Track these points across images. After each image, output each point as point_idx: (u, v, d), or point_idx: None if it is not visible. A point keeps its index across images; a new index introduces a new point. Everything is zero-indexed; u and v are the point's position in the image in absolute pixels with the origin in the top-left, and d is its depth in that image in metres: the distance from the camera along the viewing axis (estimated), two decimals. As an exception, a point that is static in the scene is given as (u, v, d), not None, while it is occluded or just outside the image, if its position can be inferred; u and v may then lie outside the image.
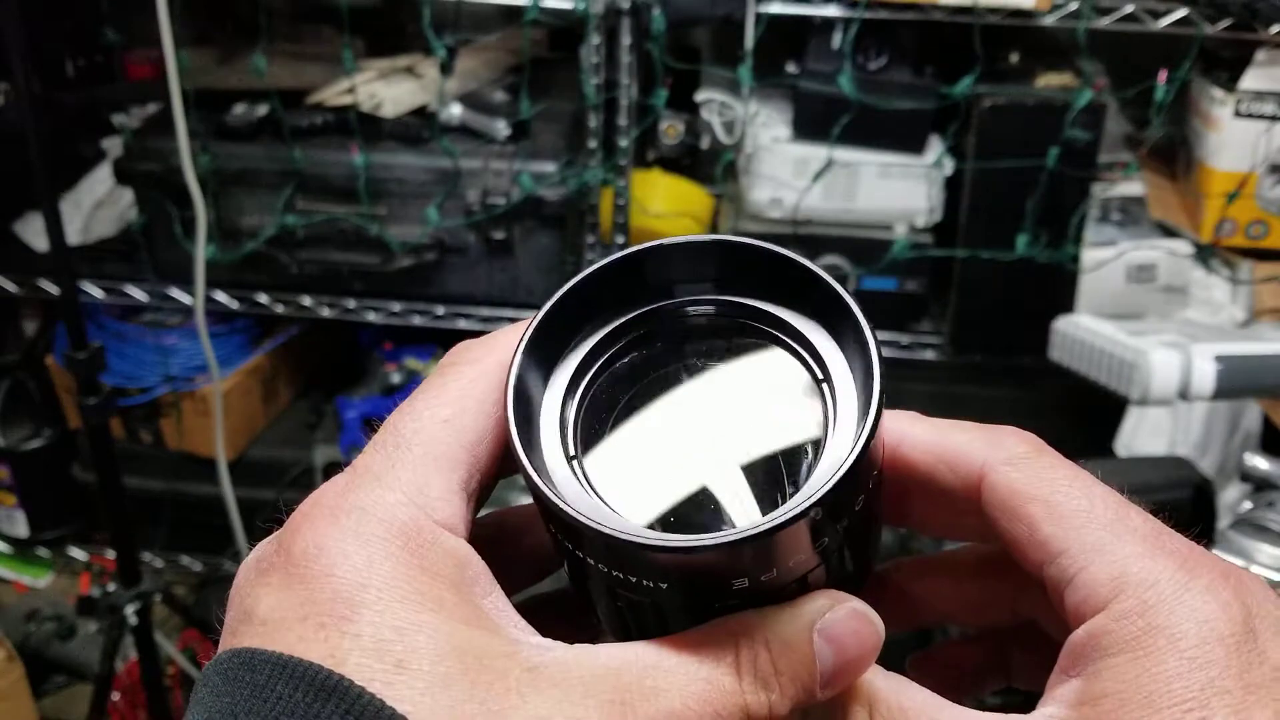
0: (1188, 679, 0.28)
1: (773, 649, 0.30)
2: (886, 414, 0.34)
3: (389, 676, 0.27)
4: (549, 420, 0.33)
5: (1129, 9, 1.62)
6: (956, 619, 0.40)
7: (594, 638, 0.31)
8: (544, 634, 0.30)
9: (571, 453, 0.33)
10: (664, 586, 0.30)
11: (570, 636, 0.30)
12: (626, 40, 1.67)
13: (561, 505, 0.30)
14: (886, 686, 0.31)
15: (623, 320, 0.35)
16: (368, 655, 0.27)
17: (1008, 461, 0.33)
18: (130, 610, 1.68)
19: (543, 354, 0.34)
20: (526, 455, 0.31)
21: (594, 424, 0.34)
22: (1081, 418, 1.91)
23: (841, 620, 0.31)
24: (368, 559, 0.28)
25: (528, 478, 0.31)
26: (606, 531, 0.30)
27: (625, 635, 0.31)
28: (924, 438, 0.34)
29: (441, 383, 0.33)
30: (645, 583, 0.30)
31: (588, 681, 0.29)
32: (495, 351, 0.33)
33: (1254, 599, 0.30)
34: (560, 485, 0.32)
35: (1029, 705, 0.32)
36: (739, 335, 0.35)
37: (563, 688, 0.28)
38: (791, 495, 0.31)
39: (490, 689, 0.28)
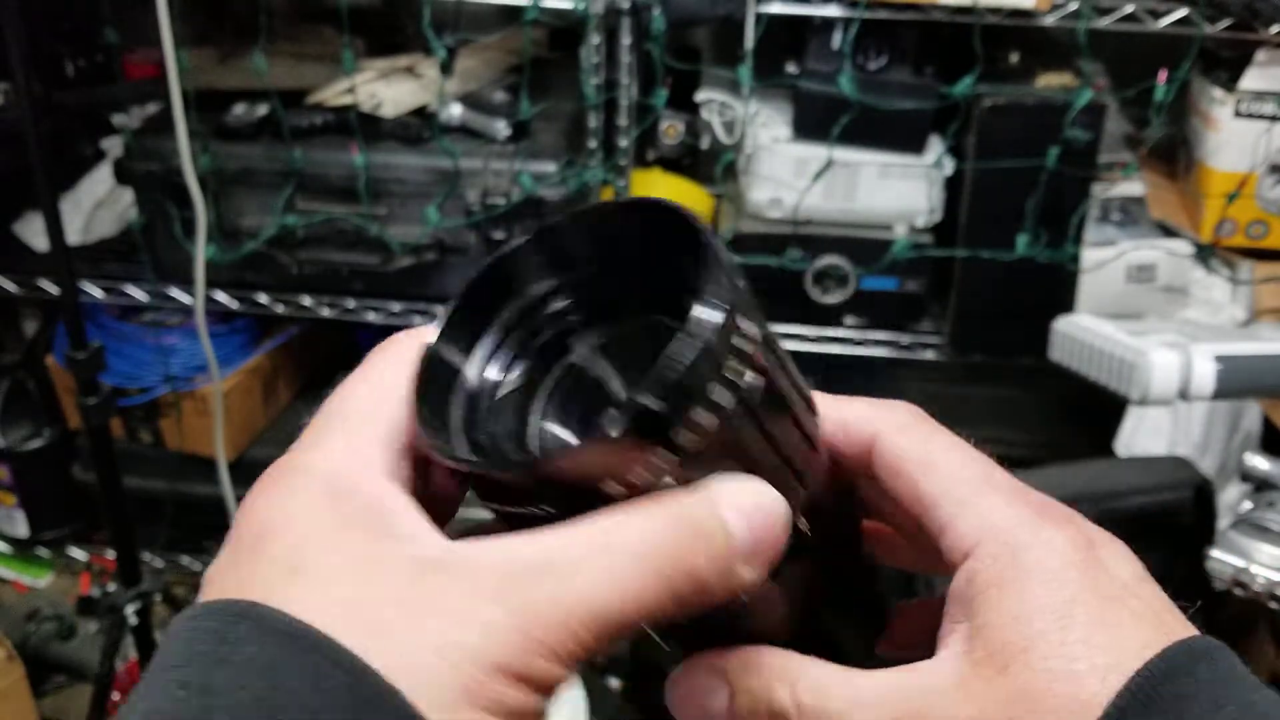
0: (1051, 598, 0.32)
1: (680, 525, 0.30)
2: None
3: (285, 582, 0.28)
4: (459, 398, 0.36)
5: (1129, 9, 1.62)
6: (902, 566, 0.43)
7: None
8: None
9: (472, 423, 0.35)
10: (551, 511, 0.31)
11: None
12: (626, 40, 1.67)
13: (433, 442, 0.32)
14: (802, 664, 0.35)
15: (521, 305, 0.37)
16: (270, 570, 0.29)
17: (896, 428, 0.37)
18: (130, 610, 1.68)
19: (456, 336, 0.36)
20: (418, 411, 0.33)
21: (497, 401, 0.36)
22: (1081, 418, 1.91)
23: (741, 491, 0.32)
24: (283, 502, 0.31)
25: (418, 428, 0.33)
26: (464, 458, 0.32)
27: None
28: (822, 408, 0.38)
29: (367, 365, 0.36)
30: (534, 510, 0.31)
31: (485, 566, 0.29)
32: (419, 338, 0.36)
33: (1095, 533, 0.34)
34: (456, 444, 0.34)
35: None
36: (619, 308, 0.36)
37: (454, 573, 0.29)
38: None
39: (383, 580, 0.29)
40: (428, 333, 0.36)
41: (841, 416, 0.38)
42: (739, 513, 0.31)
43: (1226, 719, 0.29)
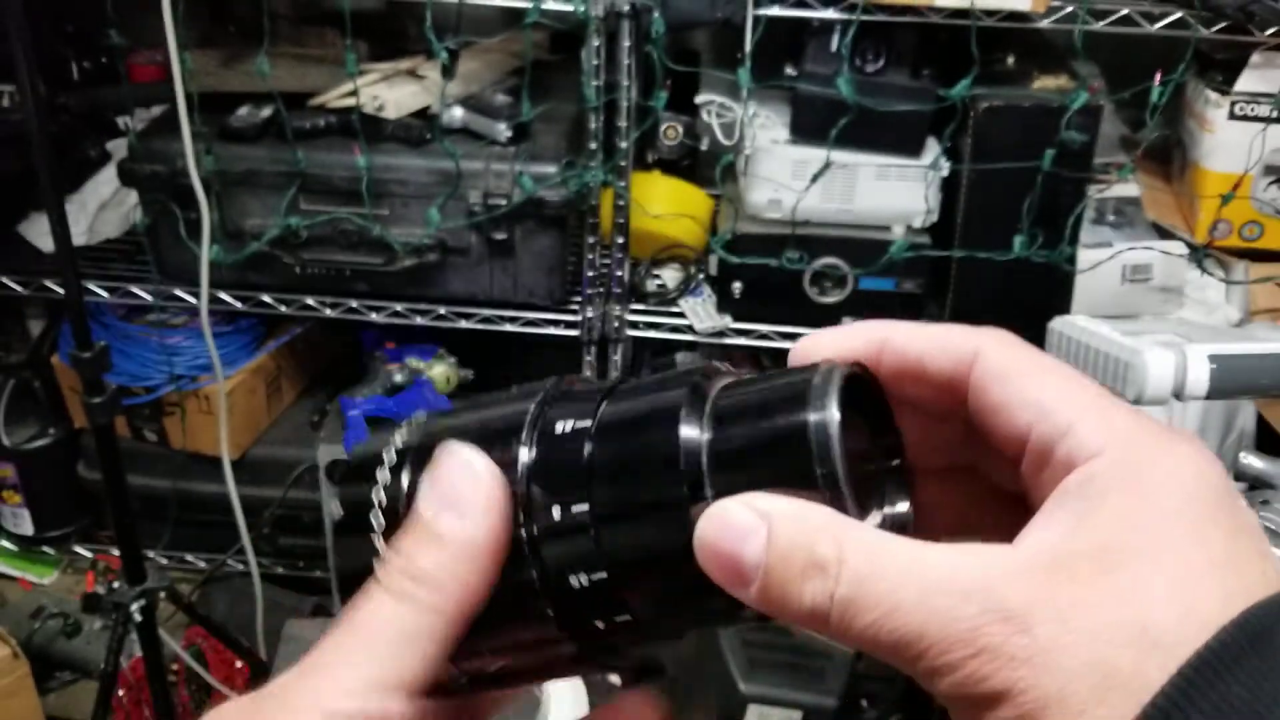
0: (1185, 514, 0.29)
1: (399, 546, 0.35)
2: (865, 322, 0.37)
3: None
4: None
5: (1124, 11, 1.63)
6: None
7: None
8: None
9: None
10: None
11: None
12: (626, 43, 1.69)
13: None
14: (853, 523, 0.31)
15: None
16: None
17: (1001, 341, 0.34)
18: (135, 607, 1.69)
19: None
20: None
21: None
22: (1078, 417, 1.92)
23: (438, 461, 0.35)
24: None
25: None
26: None
27: None
28: (915, 329, 0.36)
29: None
30: None
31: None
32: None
33: (1223, 467, 0.31)
34: None
35: None
36: None
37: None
38: None
39: None
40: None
41: (937, 334, 0.35)
42: (427, 490, 0.35)
43: None
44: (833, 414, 0.31)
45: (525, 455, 0.34)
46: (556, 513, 0.33)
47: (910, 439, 0.36)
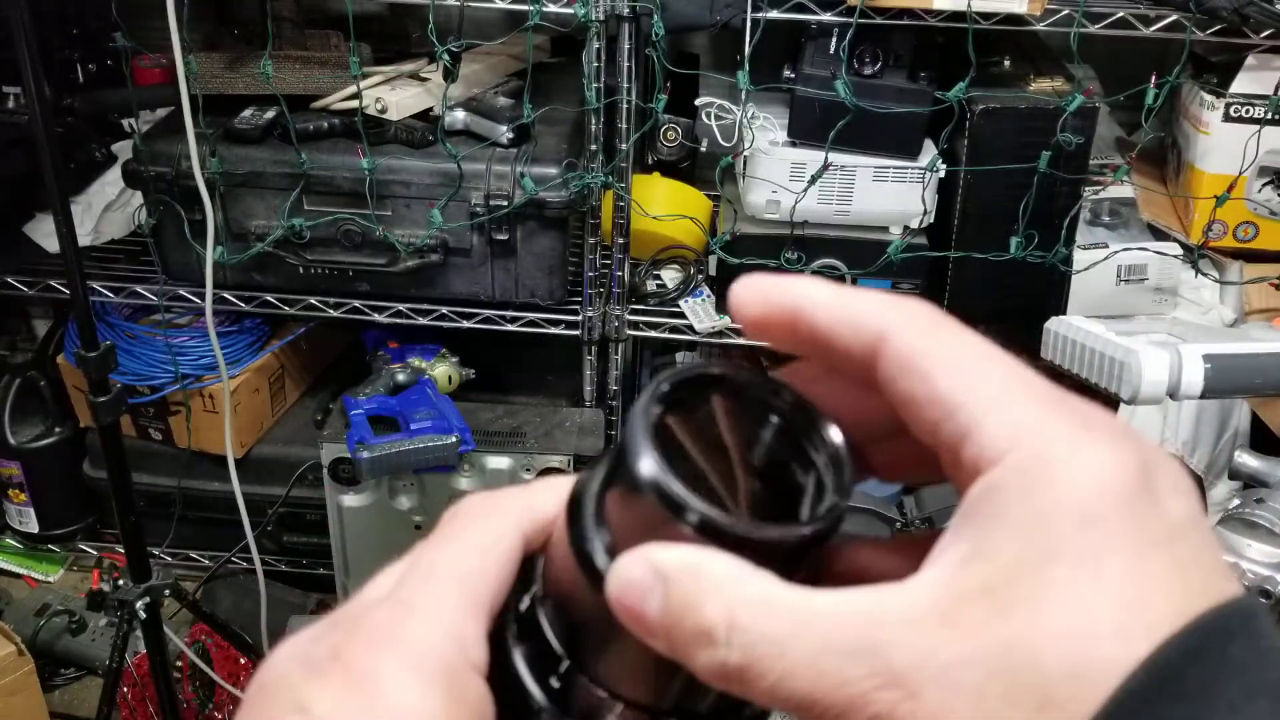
0: (1082, 536, 0.26)
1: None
2: (790, 277, 0.34)
3: None
4: None
5: (1120, 14, 1.64)
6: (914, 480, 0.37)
7: None
8: None
9: None
10: None
11: None
12: (627, 46, 1.70)
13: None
14: (750, 577, 0.28)
15: None
16: None
17: (909, 322, 0.31)
18: (140, 605, 1.71)
19: None
20: None
21: None
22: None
23: None
24: (418, 689, 0.31)
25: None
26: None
27: None
28: (827, 297, 0.32)
29: (463, 529, 0.35)
30: None
31: None
32: (509, 512, 0.36)
33: (1153, 456, 0.28)
34: None
35: None
36: None
37: None
38: None
39: None
40: (510, 506, 0.36)
41: (847, 308, 0.32)
42: None
43: (1260, 714, 0.24)
44: (650, 472, 0.29)
45: (517, 650, 0.34)
46: (555, 683, 0.33)
47: (849, 403, 0.33)
